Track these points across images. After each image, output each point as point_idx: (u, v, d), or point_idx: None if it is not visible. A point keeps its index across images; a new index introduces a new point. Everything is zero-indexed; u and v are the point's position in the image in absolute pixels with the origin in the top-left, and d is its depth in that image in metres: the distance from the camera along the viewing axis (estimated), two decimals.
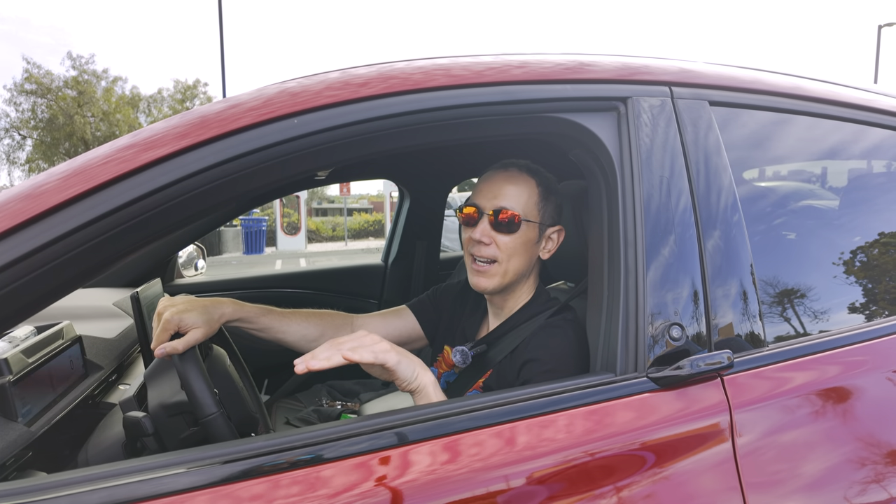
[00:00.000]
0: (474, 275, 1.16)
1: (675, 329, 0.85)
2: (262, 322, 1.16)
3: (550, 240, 1.19)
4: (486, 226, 1.13)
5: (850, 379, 0.94)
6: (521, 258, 1.15)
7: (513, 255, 1.14)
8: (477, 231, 1.13)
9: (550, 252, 1.20)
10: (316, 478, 0.68)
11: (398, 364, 0.90)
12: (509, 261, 1.14)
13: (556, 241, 1.20)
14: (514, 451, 0.74)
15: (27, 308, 0.68)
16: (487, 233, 1.13)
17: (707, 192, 0.91)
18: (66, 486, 0.64)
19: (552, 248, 1.20)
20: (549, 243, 1.20)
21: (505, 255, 1.13)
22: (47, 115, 21.13)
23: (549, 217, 1.18)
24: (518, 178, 1.15)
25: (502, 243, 1.13)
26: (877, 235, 1.17)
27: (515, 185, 1.14)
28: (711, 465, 0.80)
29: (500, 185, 1.14)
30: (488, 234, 1.13)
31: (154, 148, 0.71)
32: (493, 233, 1.13)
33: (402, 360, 0.91)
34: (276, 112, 0.75)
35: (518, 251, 1.14)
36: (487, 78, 0.84)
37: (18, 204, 0.67)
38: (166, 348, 0.97)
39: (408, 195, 2.46)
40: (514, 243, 1.13)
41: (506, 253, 1.13)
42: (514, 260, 1.14)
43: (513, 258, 1.14)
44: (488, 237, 1.12)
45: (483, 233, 1.13)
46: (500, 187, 1.14)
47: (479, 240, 1.12)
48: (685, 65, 1.00)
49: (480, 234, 1.12)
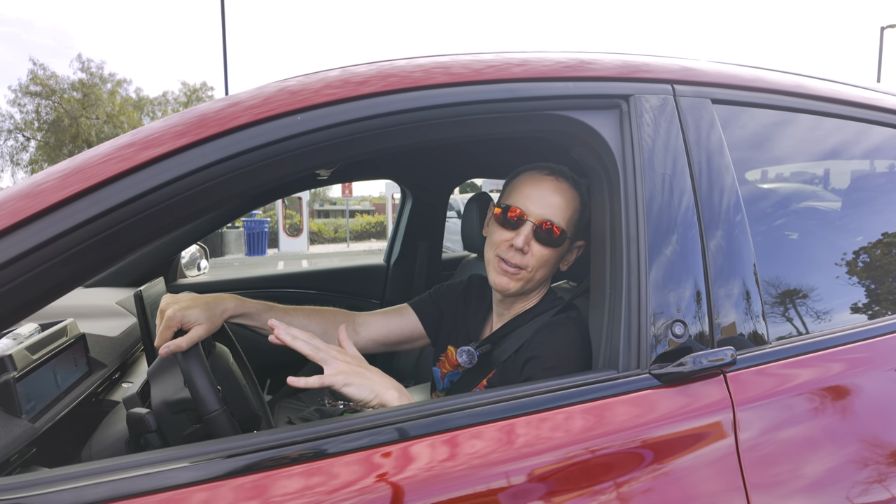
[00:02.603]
0: (500, 274, 1.13)
1: (677, 326, 0.85)
2: (264, 318, 1.16)
3: (572, 253, 1.19)
4: (529, 233, 1.10)
5: (853, 376, 0.93)
6: (548, 270, 1.15)
7: (541, 267, 1.12)
8: (520, 238, 1.09)
9: (569, 264, 1.19)
10: (318, 473, 0.68)
11: (345, 387, 0.89)
12: (537, 271, 1.12)
13: (575, 255, 1.20)
14: (516, 447, 0.74)
15: (28, 306, 0.69)
16: (529, 241, 1.10)
17: (709, 191, 0.91)
18: (70, 479, 0.64)
19: (571, 261, 1.19)
20: (570, 256, 1.19)
21: (535, 265, 1.11)
22: (52, 116, 21.21)
23: (578, 232, 1.17)
24: (567, 191, 1.12)
25: (539, 254, 1.11)
26: (880, 235, 1.17)
27: (564, 198, 1.11)
28: (714, 461, 0.80)
29: (550, 194, 1.11)
30: (528, 244, 1.10)
31: (153, 146, 0.72)
32: (533, 242, 1.10)
33: (353, 382, 0.89)
34: (274, 110, 0.75)
35: (548, 264, 1.13)
36: (487, 75, 0.84)
37: (18, 202, 0.68)
38: (170, 346, 0.97)
39: (410, 196, 2.46)
40: (548, 256, 1.11)
41: (538, 263, 1.11)
42: (541, 271, 1.13)
43: (541, 269, 1.13)
44: (528, 246, 1.10)
45: (525, 240, 1.09)
46: (550, 196, 1.11)
47: (521, 247, 1.09)
48: (687, 63, 1.00)
49: (523, 242, 1.09)
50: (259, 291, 2.30)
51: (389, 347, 1.36)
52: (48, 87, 20.95)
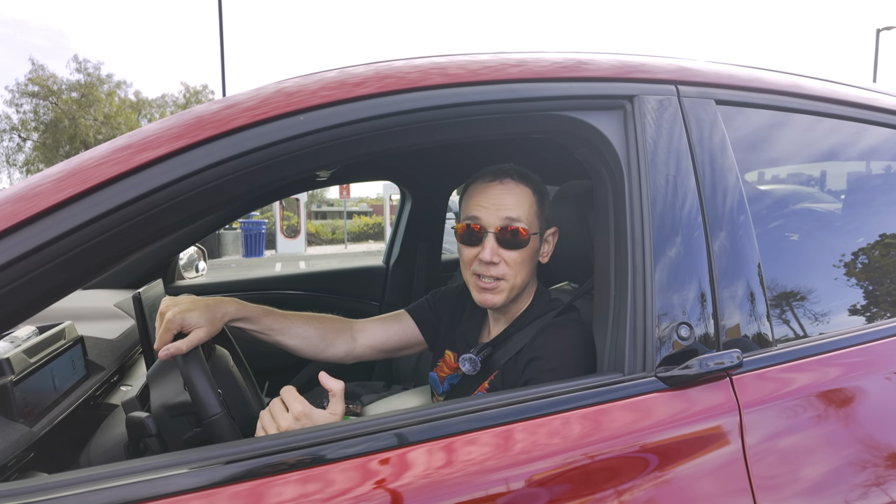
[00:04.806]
0: (481, 292, 1.12)
1: (683, 328, 0.84)
2: (264, 323, 1.15)
3: (547, 242, 1.18)
4: (494, 244, 1.09)
5: (861, 378, 0.93)
6: (527, 270, 1.14)
7: (519, 271, 1.11)
8: (487, 251, 1.08)
9: (548, 255, 1.19)
10: (316, 479, 0.67)
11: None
12: (516, 276, 1.11)
13: (552, 243, 1.19)
14: (520, 452, 0.73)
15: (24, 309, 0.68)
16: (496, 251, 1.09)
17: (714, 191, 0.91)
18: (69, 486, 0.63)
19: (549, 251, 1.19)
20: (546, 246, 1.18)
21: (512, 272, 1.10)
22: (49, 116, 21.15)
23: (545, 222, 1.16)
24: (515, 188, 1.11)
25: (510, 259, 1.10)
26: (882, 235, 1.17)
27: (516, 196, 1.10)
28: (720, 464, 0.79)
29: (499, 197, 1.09)
30: (497, 253, 1.09)
31: (150, 149, 0.71)
32: (500, 250, 1.09)
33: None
34: (272, 112, 0.74)
35: (525, 265, 1.12)
36: (485, 76, 0.84)
37: (13, 205, 0.67)
38: (170, 349, 0.96)
39: (409, 197, 2.45)
40: (521, 258, 1.10)
41: (513, 269, 1.10)
42: (520, 274, 1.12)
43: (519, 273, 1.12)
44: (497, 256, 1.09)
45: (493, 252, 1.08)
46: (500, 200, 1.09)
47: (490, 260, 1.08)
48: (690, 63, 0.99)
49: (491, 255, 1.08)
50: (258, 293, 2.29)
51: (388, 354, 1.35)
52: (46, 87, 20.88)
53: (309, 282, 2.48)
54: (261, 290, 2.33)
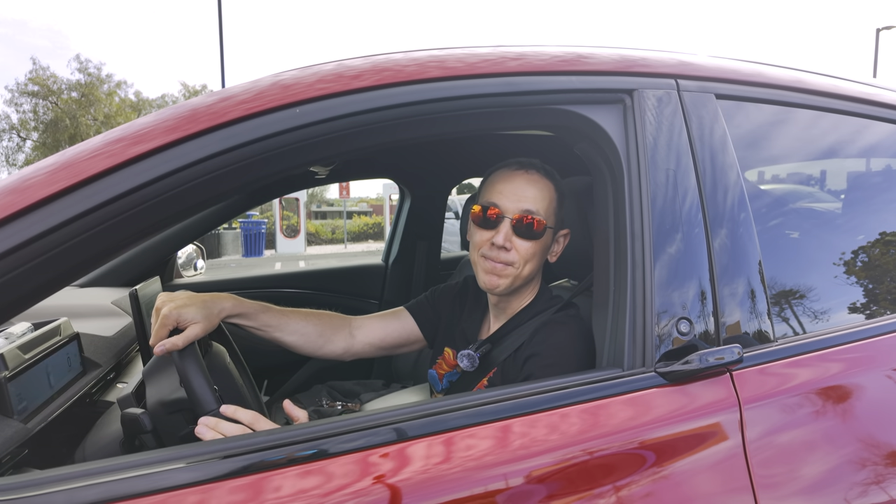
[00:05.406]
0: (487, 272, 1.13)
1: (683, 324, 0.84)
2: (262, 319, 1.14)
3: (558, 243, 1.19)
4: (509, 230, 1.10)
5: (861, 374, 0.92)
6: (536, 263, 1.14)
7: (529, 261, 1.12)
8: (500, 236, 1.09)
9: (557, 255, 1.20)
10: (315, 474, 0.67)
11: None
12: (524, 266, 1.12)
13: (562, 244, 1.20)
14: (520, 447, 0.73)
15: (17, 303, 0.67)
16: (510, 238, 1.10)
17: (714, 187, 0.90)
18: (63, 481, 0.62)
19: (558, 252, 1.20)
20: (557, 246, 1.19)
21: (522, 261, 1.11)
22: (49, 116, 21.14)
23: (560, 222, 1.17)
24: (540, 181, 1.13)
25: (522, 248, 1.10)
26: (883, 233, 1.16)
27: (539, 190, 1.12)
28: (720, 460, 0.78)
29: (523, 187, 1.11)
30: (510, 240, 1.10)
31: (143, 141, 0.70)
32: (514, 238, 1.10)
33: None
34: (268, 104, 0.74)
35: (535, 257, 1.13)
36: (483, 69, 0.83)
37: (5, 198, 0.66)
38: (166, 345, 0.95)
39: (409, 195, 2.45)
40: (532, 249, 1.11)
41: (523, 258, 1.11)
42: (528, 265, 1.13)
43: (528, 264, 1.12)
44: (510, 242, 1.10)
45: (506, 237, 1.09)
46: (523, 190, 1.11)
47: (502, 245, 1.09)
48: (690, 57, 0.99)
49: (504, 240, 1.09)
50: (257, 291, 2.28)
51: (386, 351, 1.35)
52: (46, 87, 20.87)
53: (308, 280, 2.47)
54: (260, 289, 2.32)
